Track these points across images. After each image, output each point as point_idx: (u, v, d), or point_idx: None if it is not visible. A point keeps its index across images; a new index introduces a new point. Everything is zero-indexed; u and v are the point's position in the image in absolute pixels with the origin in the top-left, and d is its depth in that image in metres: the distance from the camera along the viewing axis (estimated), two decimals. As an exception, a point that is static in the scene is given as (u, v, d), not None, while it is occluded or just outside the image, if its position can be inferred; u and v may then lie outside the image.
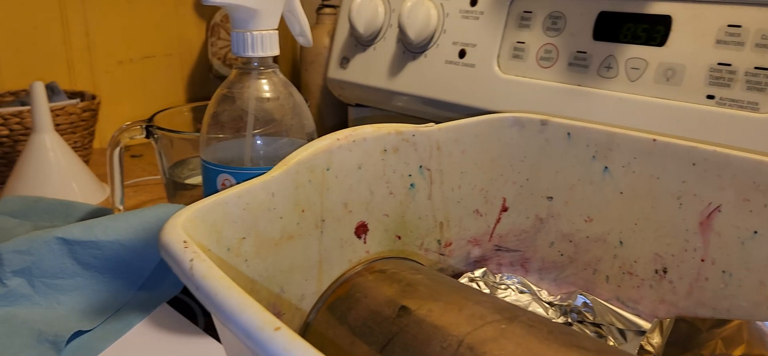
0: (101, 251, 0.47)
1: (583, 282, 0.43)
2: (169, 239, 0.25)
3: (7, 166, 0.75)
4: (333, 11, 0.85)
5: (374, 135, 0.38)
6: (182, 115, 0.64)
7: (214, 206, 0.29)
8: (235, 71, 0.43)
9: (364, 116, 0.75)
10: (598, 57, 0.50)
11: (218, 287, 0.21)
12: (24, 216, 0.61)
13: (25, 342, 0.42)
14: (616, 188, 0.40)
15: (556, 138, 0.42)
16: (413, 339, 0.30)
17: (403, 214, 0.41)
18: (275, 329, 0.18)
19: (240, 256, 0.30)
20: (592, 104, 0.50)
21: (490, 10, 0.57)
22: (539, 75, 0.53)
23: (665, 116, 0.46)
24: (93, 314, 0.45)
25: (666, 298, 0.38)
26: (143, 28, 0.99)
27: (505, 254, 0.46)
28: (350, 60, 0.69)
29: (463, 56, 0.58)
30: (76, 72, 0.93)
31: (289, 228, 0.33)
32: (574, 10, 0.52)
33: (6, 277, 0.46)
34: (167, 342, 0.43)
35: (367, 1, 0.64)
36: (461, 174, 0.43)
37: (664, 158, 0.37)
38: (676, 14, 0.46)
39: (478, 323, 0.30)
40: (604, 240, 0.41)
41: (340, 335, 0.33)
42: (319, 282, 0.36)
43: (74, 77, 0.93)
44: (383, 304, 0.33)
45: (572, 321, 0.41)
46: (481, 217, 0.44)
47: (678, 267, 0.38)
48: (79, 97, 0.85)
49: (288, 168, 0.33)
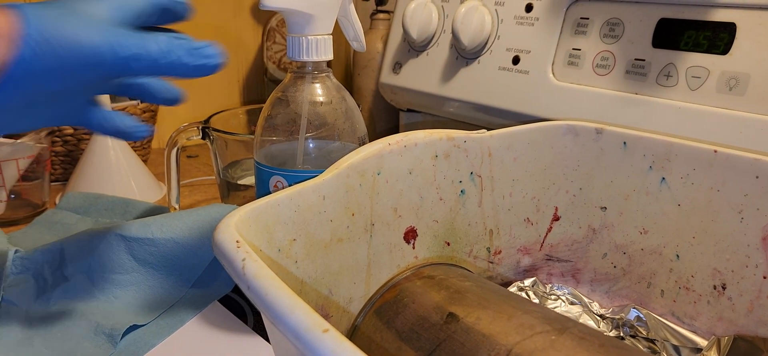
0: (157, 249, 0.49)
1: (636, 295, 0.42)
2: (223, 238, 0.25)
3: (70, 164, 0.78)
4: (386, 17, 0.86)
5: (426, 140, 0.38)
6: (237, 117, 0.65)
7: (267, 208, 0.29)
8: (289, 75, 0.44)
9: (416, 121, 0.75)
10: (657, 65, 0.49)
11: (269, 287, 0.21)
12: (85, 212, 0.64)
13: (83, 333, 0.43)
14: (673, 200, 0.39)
15: (611, 147, 0.41)
16: (461, 346, 0.30)
17: (453, 220, 0.40)
18: (324, 331, 0.19)
19: (290, 257, 0.31)
20: (650, 113, 0.48)
21: (545, 17, 0.56)
22: (595, 83, 0.52)
23: (727, 127, 0.45)
24: (148, 309, 0.46)
25: (724, 315, 0.37)
26: (203, 32, 1.01)
27: (555, 264, 0.45)
28: (403, 65, 0.69)
29: (517, 63, 0.58)
30: (137, 74, 0.96)
31: (339, 231, 0.34)
32: (632, 16, 0.50)
33: (67, 271, 0.48)
34: (217, 339, 0.44)
35: (421, 7, 0.64)
36: (513, 182, 0.42)
37: (726, 170, 0.36)
38: (740, 21, 0.45)
39: (527, 333, 0.29)
40: (659, 253, 0.40)
41: (387, 339, 0.33)
42: (368, 285, 0.36)
43: (135, 79, 0.96)
44: (431, 310, 0.33)
45: (624, 336, 0.40)
46: (532, 226, 0.44)
47: (738, 283, 0.36)
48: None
49: (339, 172, 0.33)
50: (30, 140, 0.64)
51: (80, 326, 0.44)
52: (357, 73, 0.87)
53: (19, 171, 0.64)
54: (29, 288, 0.47)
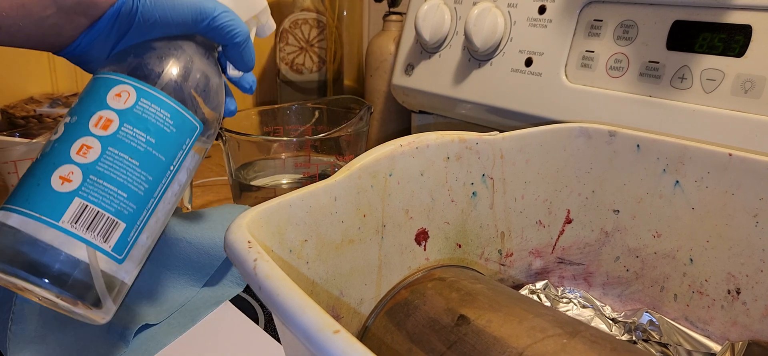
0: (169, 249, 0.49)
1: (649, 299, 0.41)
2: (235, 238, 0.25)
3: (85, 163, 0.79)
4: (399, 18, 0.86)
5: (437, 142, 0.38)
6: (250, 118, 0.65)
7: (279, 209, 0.30)
8: None
9: (428, 123, 0.75)
10: (671, 67, 0.48)
11: (280, 287, 0.21)
12: (99, 212, 0.64)
13: (96, 332, 0.43)
14: (687, 204, 0.39)
15: (624, 150, 0.41)
16: (472, 349, 0.30)
17: (465, 222, 0.40)
18: (334, 332, 0.19)
19: (302, 258, 0.31)
20: (664, 115, 0.48)
21: (558, 18, 0.56)
22: (608, 85, 0.52)
23: (742, 130, 0.44)
24: (160, 308, 0.47)
25: (739, 320, 0.37)
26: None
27: (567, 267, 0.45)
28: (415, 67, 0.69)
29: (529, 65, 0.58)
30: (151, 75, 0.97)
31: (350, 232, 0.34)
32: (647, 18, 0.50)
33: (81, 269, 0.48)
34: (228, 339, 0.44)
35: (433, 9, 0.64)
36: (525, 184, 0.42)
37: (741, 173, 0.36)
38: (756, 24, 0.44)
39: (538, 336, 0.29)
40: (673, 257, 0.40)
41: (397, 341, 0.33)
42: (379, 287, 0.36)
43: (149, 80, 0.97)
44: (442, 312, 0.33)
45: (637, 340, 0.40)
46: (544, 228, 0.44)
47: (753, 287, 0.36)
48: (154, 98, 0.88)
49: (351, 173, 0.34)
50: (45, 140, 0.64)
51: (93, 325, 0.44)
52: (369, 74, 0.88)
53: (34, 171, 0.64)
54: (43, 287, 0.47)
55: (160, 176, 0.35)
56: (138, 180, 0.34)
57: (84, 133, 0.33)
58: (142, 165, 0.34)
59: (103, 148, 0.33)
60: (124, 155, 0.33)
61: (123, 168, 0.33)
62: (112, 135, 0.33)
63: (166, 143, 0.35)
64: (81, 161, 0.32)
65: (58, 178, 0.32)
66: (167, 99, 0.35)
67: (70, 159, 0.32)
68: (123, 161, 0.33)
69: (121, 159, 0.33)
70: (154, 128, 0.34)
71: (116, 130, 0.33)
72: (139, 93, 0.34)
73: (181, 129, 0.36)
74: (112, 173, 0.33)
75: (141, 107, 0.34)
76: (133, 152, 0.33)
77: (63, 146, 0.33)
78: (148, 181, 0.34)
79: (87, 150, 0.32)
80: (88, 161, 0.32)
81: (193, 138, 0.37)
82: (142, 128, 0.34)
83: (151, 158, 0.34)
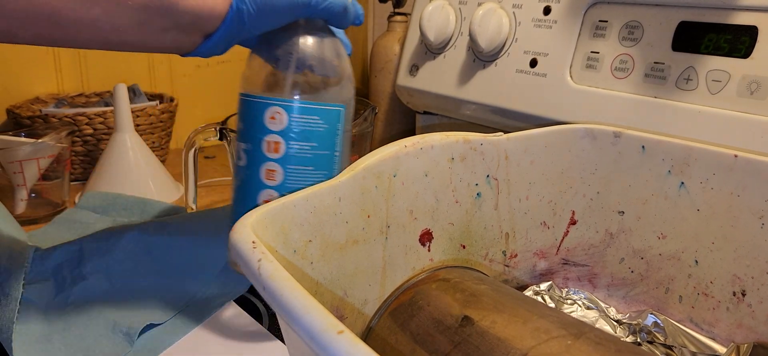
0: (174, 248, 0.49)
1: (654, 300, 0.41)
2: (239, 239, 0.25)
3: (90, 163, 0.79)
4: (404, 19, 0.86)
5: (442, 143, 0.38)
6: (254, 118, 0.65)
7: (283, 209, 0.30)
8: None
9: (432, 124, 0.75)
10: (676, 68, 0.48)
11: (284, 288, 0.21)
12: (104, 212, 0.65)
13: (101, 332, 0.44)
14: (692, 205, 0.38)
15: (629, 151, 0.41)
16: (475, 350, 0.30)
17: (469, 223, 0.40)
18: (338, 332, 0.19)
19: (306, 258, 0.31)
20: (669, 117, 0.48)
21: (563, 19, 0.56)
22: (613, 86, 0.52)
23: (748, 131, 0.44)
24: (164, 308, 0.47)
25: (744, 322, 0.37)
26: (220, 34, 1.02)
27: (572, 269, 0.45)
28: (420, 68, 0.69)
29: (534, 65, 0.58)
30: (156, 75, 0.97)
31: (354, 233, 0.34)
32: (652, 19, 0.50)
33: (85, 269, 0.49)
34: (232, 339, 0.44)
35: (438, 9, 0.64)
36: (529, 185, 0.42)
37: (746, 175, 0.36)
38: (762, 24, 0.44)
39: (543, 337, 0.29)
40: (678, 259, 0.40)
41: (401, 341, 0.33)
42: (383, 287, 0.36)
43: (154, 80, 0.97)
44: (446, 313, 0.33)
45: (641, 341, 0.40)
46: (549, 229, 0.44)
47: (758, 290, 0.36)
48: (159, 99, 0.88)
49: (355, 174, 0.34)
50: (50, 140, 0.65)
51: (98, 324, 0.44)
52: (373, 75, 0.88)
53: (40, 170, 0.65)
54: (48, 286, 0.48)
55: (330, 164, 0.40)
56: (316, 179, 0.38)
57: (263, 159, 0.39)
58: (316, 168, 0.40)
59: (284, 168, 0.39)
60: (300, 167, 0.39)
61: (303, 176, 0.39)
62: (285, 156, 0.39)
63: (325, 139, 0.40)
64: (272, 184, 0.39)
65: (263, 202, 0.38)
66: (310, 105, 0.39)
67: (264, 185, 0.39)
68: (301, 171, 0.39)
69: (299, 170, 0.39)
70: (311, 133, 0.39)
71: (286, 151, 0.39)
72: (287, 110, 0.39)
73: (330, 119, 0.40)
74: (297, 185, 0.38)
75: (294, 122, 0.39)
76: (305, 161, 0.39)
77: (253, 172, 0.40)
78: (323, 175, 0.40)
79: (272, 174, 0.39)
80: (277, 183, 0.39)
81: (341, 120, 0.41)
82: (303, 138, 0.39)
83: (319, 158, 0.40)
